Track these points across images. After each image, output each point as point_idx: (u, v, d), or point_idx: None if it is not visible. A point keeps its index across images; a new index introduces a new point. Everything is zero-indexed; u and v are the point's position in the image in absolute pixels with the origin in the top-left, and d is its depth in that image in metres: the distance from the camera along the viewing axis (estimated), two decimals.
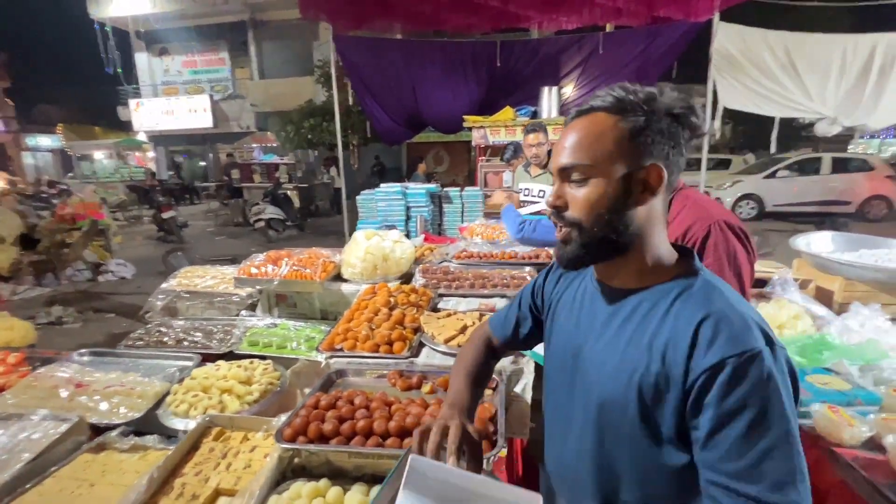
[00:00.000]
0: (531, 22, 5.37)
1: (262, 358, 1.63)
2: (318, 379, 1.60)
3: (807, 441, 1.03)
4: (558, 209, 0.74)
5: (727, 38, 4.47)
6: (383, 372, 1.41)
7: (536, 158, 3.07)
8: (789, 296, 1.97)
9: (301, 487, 1.02)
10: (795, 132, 12.65)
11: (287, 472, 1.11)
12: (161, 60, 16.88)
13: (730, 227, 1.19)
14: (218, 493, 1.08)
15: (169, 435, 1.30)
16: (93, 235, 6.68)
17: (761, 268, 2.31)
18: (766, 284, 2.11)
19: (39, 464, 1.14)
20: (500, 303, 1.85)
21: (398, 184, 4.22)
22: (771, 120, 4.72)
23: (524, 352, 1.45)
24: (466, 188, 4.36)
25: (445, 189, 4.29)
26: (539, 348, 1.17)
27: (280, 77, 14.84)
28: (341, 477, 1.08)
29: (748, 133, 14.34)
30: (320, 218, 11.81)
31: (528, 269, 2.16)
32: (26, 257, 5.89)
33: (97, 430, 1.30)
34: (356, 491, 1.00)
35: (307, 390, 1.55)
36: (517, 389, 1.37)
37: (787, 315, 1.81)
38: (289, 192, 9.87)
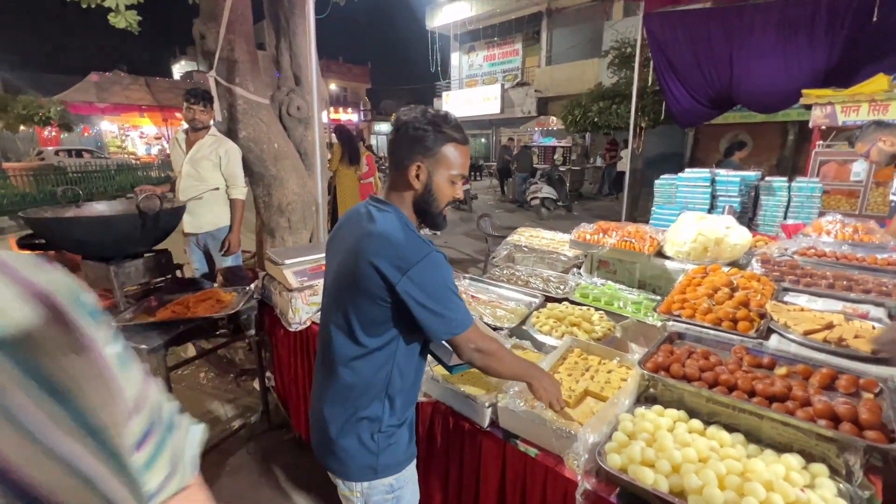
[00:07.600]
0: None
1: (595, 309, 1.94)
2: (643, 338, 1.82)
3: None
4: None
5: None
6: (725, 345, 1.49)
7: None
8: None
9: (663, 410, 1.25)
10: None
11: (640, 398, 1.36)
12: (468, 57, 20.06)
13: None
14: (587, 392, 1.43)
15: (536, 344, 1.76)
16: None
17: None
18: None
19: None
20: (872, 310, 1.60)
21: (705, 169, 3.90)
22: None
23: None
24: (798, 179, 3.65)
25: (768, 179, 3.71)
26: None
27: (566, 62, 15.38)
28: (691, 416, 1.26)
29: None
30: (588, 201, 11.96)
31: None
32: None
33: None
34: (716, 428, 1.16)
35: (633, 345, 1.80)
36: None
37: None
38: (562, 174, 10.38)
